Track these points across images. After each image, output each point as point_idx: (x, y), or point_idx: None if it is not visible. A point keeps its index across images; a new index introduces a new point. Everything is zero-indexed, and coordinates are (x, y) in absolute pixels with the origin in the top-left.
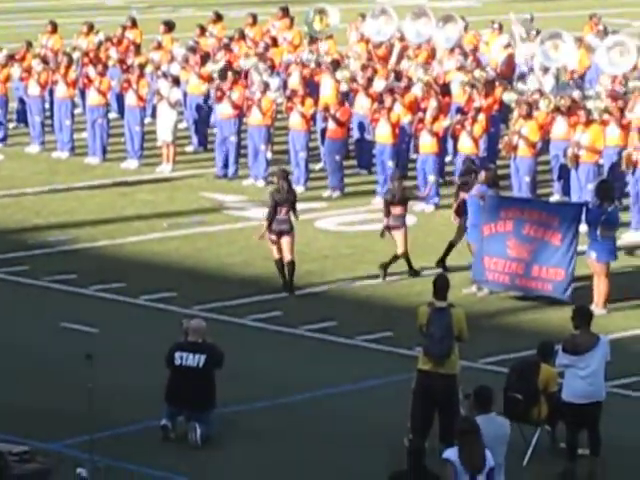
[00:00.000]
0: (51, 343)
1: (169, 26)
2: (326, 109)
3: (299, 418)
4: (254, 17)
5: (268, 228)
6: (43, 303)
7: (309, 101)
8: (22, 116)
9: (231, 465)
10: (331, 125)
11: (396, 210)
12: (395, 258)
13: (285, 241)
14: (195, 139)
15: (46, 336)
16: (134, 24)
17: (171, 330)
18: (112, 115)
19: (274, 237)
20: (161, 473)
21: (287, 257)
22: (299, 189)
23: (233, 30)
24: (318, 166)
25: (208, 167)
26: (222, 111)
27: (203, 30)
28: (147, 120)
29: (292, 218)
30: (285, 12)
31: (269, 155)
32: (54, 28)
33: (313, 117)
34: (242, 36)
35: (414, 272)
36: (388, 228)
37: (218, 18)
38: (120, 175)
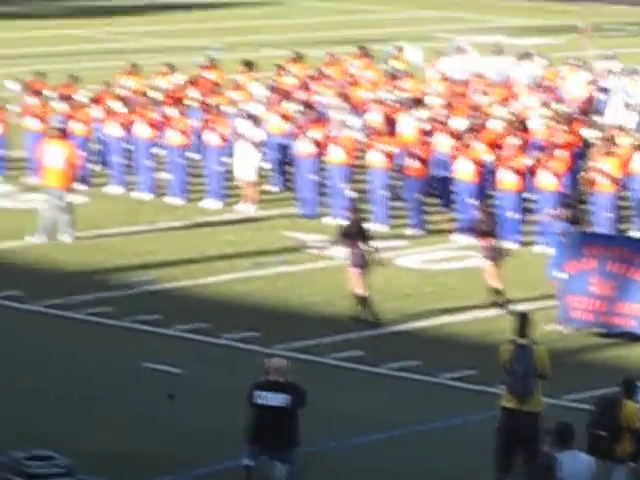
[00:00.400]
0: (134, 383)
1: (249, 66)
2: (406, 147)
3: (381, 457)
4: (334, 56)
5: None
6: (126, 343)
7: (389, 139)
8: (103, 157)
9: None
10: (412, 163)
11: (485, 241)
12: (495, 292)
13: (356, 274)
14: (277, 178)
15: (129, 376)
16: (214, 64)
17: (253, 369)
18: (193, 155)
19: (353, 270)
20: None
21: (359, 291)
22: (381, 227)
23: (313, 69)
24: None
25: (290, 206)
26: (302, 149)
27: (282, 69)
28: (227, 160)
29: (365, 251)
30: (364, 51)
31: (350, 193)
32: (134, 69)
33: (393, 155)
34: (322, 75)
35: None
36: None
37: (298, 58)
38: (201, 215)
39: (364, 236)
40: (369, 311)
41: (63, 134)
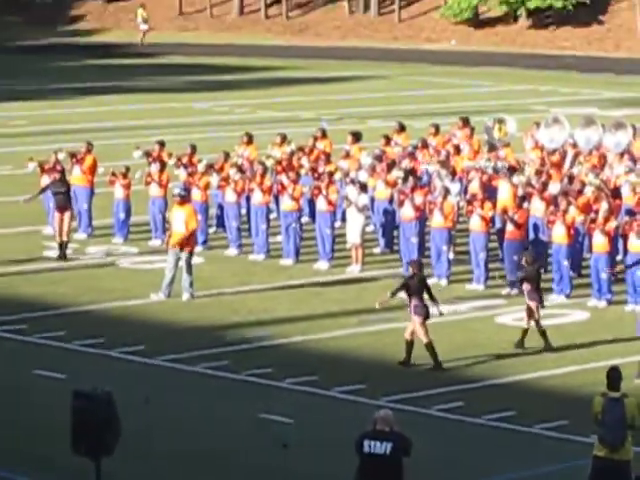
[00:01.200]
0: (249, 434)
1: (357, 136)
2: (504, 212)
3: None
4: (437, 127)
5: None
6: (242, 396)
7: (488, 204)
8: (221, 221)
9: None
10: (509, 227)
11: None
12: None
13: (417, 323)
14: (382, 241)
15: (245, 427)
16: (324, 135)
17: (360, 420)
18: (304, 219)
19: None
20: None
21: (422, 339)
22: (479, 287)
23: (417, 139)
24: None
25: (395, 267)
26: (405, 214)
27: (388, 140)
28: (337, 224)
29: (427, 303)
30: (466, 122)
31: (451, 255)
32: (250, 139)
33: (492, 219)
34: (425, 145)
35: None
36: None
37: (402, 128)
38: (312, 275)
39: (427, 289)
40: (433, 356)
41: (184, 200)
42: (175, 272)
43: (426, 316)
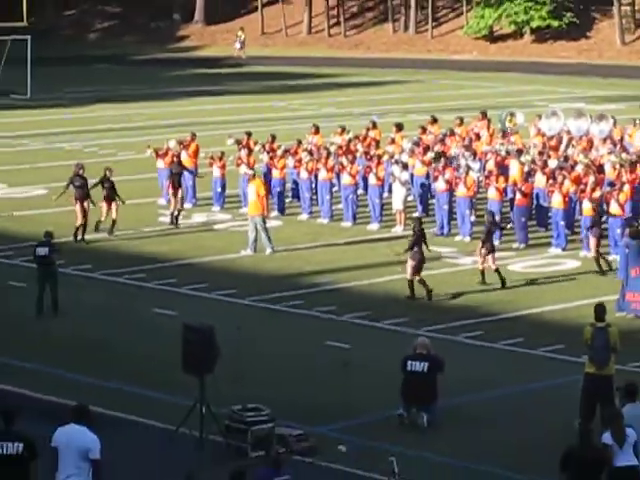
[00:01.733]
0: (316, 354)
1: (399, 127)
2: (514, 184)
3: (503, 407)
4: (461, 119)
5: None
6: (312, 328)
7: (501, 179)
8: (295, 193)
9: (450, 442)
10: (518, 196)
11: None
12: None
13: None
14: (420, 207)
15: (313, 349)
16: (374, 126)
17: (404, 345)
18: (360, 191)
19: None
20: (397, 448)
21: (407, 276)
22: (495, 242)
23: (446, 129)
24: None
25: (429, 227)
26: (438, 187)
27: (424, 129)
28: (385, 195)
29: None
30: (484, 115)
31: (472, 218)
32: (317, 129)
33: (505, 190)
34: (452, 133)
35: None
36: None
37: (434, 120)
38: (366, 234)
39: (425, 241)
40: (426, 289)
41: (253, 177)
42: (255, 233)
43: (420, 260)
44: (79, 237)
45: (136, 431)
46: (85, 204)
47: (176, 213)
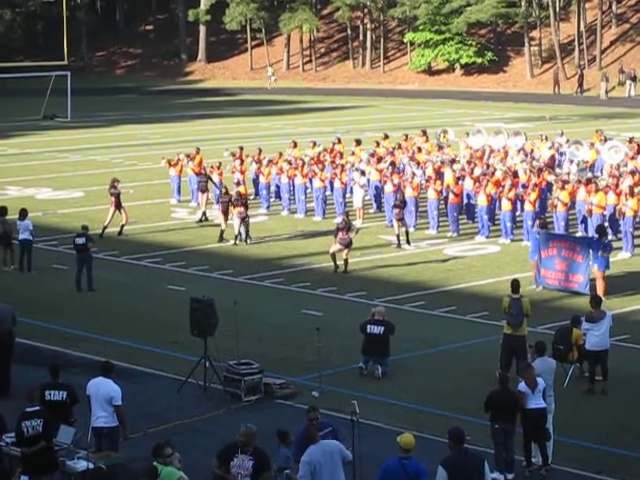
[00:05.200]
0: (296, 320)
1: (358, 142)
2: (448, 187)
3: (441, 361)
4: (407, 135)
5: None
6: (291, 299)
7: (438, 182)
8: (278, 194)
9: (400, 389)
10: (451, 196)
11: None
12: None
13: (346, 251)
14: (374, 205)
15: (294, 318)
16: (339, 141)
17: (364, 313)
18: (328, 193)
19: (339, 246)
20: (358, 394)
21: (343, 256)
22: (433, 232)
23: (395, 143)
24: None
25: (382, 220)
26: (387, 189)
27: (378, 144)
28: (347, 195)
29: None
30: (424, 132)
31: (417, 214)
32: (295, 144)
33: (441, 191)
34: (400, 146)
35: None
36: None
37: (386, 136)
38: (332, 226)
39: (349, 228)
40: (344, 266)
41: (238, 184)
42: (239, 226)
43: (347, 244)
44: (120, 232)
45: (153, 381)
46: (121, 209)
47: (204, 213)
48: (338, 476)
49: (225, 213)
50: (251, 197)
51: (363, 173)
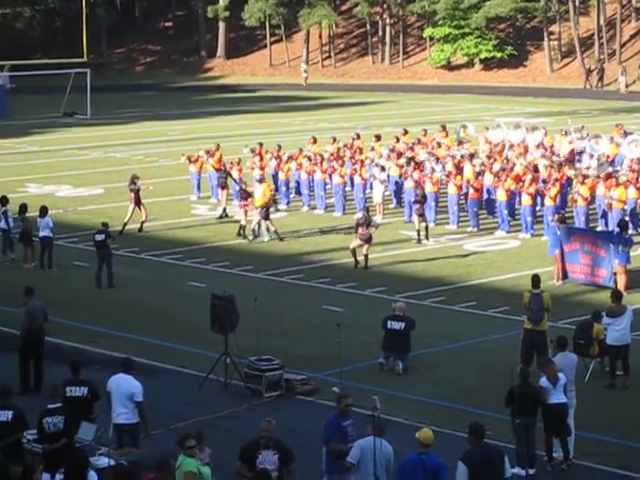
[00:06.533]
0: (316, 316)
1: (378, 137)
2: (468, 182)
3: (461, 356)
4: (426, 131)
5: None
6: (312, 295)
7: (458, 177)
8: (297, 190)
9: (420, 384)
10: (471, 191)
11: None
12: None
13: (366, 247)
14: (394, 200)
15: (315, 313)
16: (359, 136)
17: (385, 309)
18: (347, 188)
19: (359, 241)
20: (379, 389)
21: (364, 252)
22: (453, 227)
23: (414, 138)
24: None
25: (402, 216)
26: (408, 185)
27: (398, 139)
28: (367, 191)
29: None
30: (444, 128)
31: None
32: (314, 140)
33: (461, 186)
34: (419, 142)
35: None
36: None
37: (405, 132)
38: (352, 222)
39: (369, 224)
40: (365, 262)
41: (260, 180)
42: (260, 222)
43: (367, 240)
44: (140, 229)
45: (173, 377)
46: (140, 206)
47: (224, 209)
48: (381, 475)
49: (244, 209)
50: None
51: (383, 169)
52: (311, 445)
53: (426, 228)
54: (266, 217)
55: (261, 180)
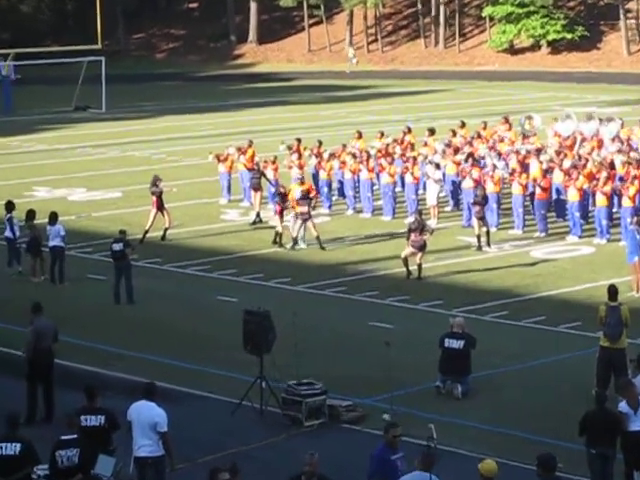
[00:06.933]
0: (362, 334)
1: (432, 131)
2: (535, 180)
3: (528, 378)
4: (486, 123)
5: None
6: (357, 310)
7: (523, 175)
8: (340, 192)
9: (482, 410)
10: (538, 190)
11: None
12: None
13: (419, 255)
14: (451, 202)
15: (360, 331)
16: (410, 130)
17: (441, 325)
18: (398, 189)
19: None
20: (435, 416)
21: (417, 261)
22: (518, 232)
23: (473, 132)
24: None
25: (459, 220)
26: (466, 185)
27: (454, 133)
28: (420, 192)
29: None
30: (506, 119)
31: (499, 211)
32: (360, 135)
33: (526, 185)
34: (479, 136)
35: None
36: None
37: (463, 124)
38: (404, 227)
39: (423, 229)
40: (418, 272)
41: (302, 181)
42: (299, 229)
43: (420, 247)
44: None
45: (201, 404)
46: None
47: (258, 213)
48: None
49: (281, 214)
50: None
51: (438, 166)
52: None
53: (487, 233)
54: (306, 219)
55: (302, 181)
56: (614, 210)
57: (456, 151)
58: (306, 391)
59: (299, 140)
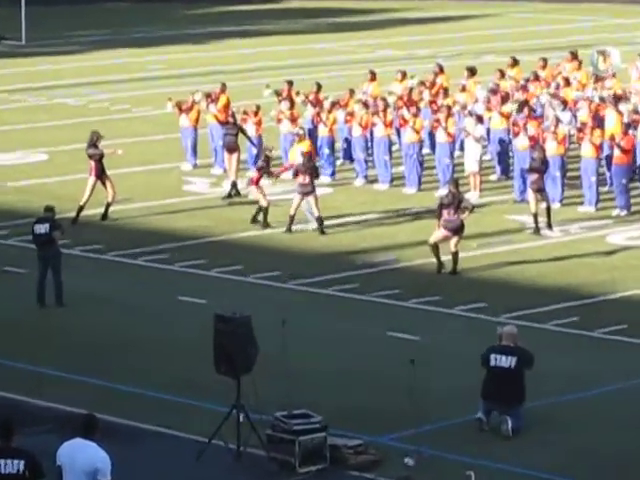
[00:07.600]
0: (379, 350)
1: (472, 71)
2: (612, 139)
3: (602, 409)
4: (545, 60)
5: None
6: (371, 315)
7: (597, 132)
8: (348, 154)
9: (539, 452)
10: (617, 152)
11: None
12: None
13: (454, 240)
14: (498, 169)
15: (375, 344)
16: (442, 70)
17: (485, 336)
18: (425, 150)
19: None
20: (476, 460)
21: (451, 248)
22: (590, 209)
23: (528, 73)
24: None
25: (509, 193)
26: (519, 144)
27: (502, 74)
28: (456, 154)
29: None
30: (574, 55)
31: (564, 181)
32: (373, 76)
33: (601, 146)
34: (536, 77)
35: None
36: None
37: (515, 62)
38: (433, 202)
39: (460, 205)
40: (453, 264)
41: (302, 137)
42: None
43: (456, 230)
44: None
45: (157, 443)
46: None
47: (233, 183)
48: None
49: (257, 183)
50: None
51: (480, 119)
52: None
53: (548, 210)
54: (308, 192)
55: (300, 137)
56: None
57: (505, 99)
58: (300, 426)
59: (290, 83)
